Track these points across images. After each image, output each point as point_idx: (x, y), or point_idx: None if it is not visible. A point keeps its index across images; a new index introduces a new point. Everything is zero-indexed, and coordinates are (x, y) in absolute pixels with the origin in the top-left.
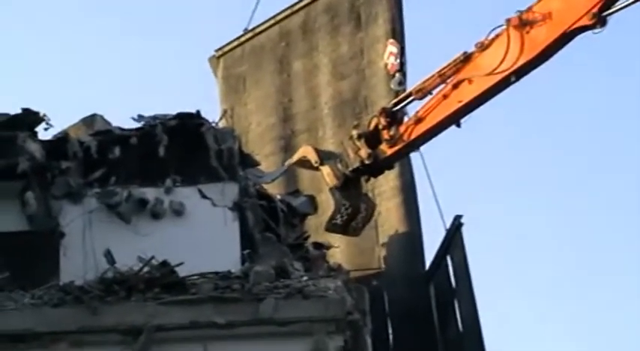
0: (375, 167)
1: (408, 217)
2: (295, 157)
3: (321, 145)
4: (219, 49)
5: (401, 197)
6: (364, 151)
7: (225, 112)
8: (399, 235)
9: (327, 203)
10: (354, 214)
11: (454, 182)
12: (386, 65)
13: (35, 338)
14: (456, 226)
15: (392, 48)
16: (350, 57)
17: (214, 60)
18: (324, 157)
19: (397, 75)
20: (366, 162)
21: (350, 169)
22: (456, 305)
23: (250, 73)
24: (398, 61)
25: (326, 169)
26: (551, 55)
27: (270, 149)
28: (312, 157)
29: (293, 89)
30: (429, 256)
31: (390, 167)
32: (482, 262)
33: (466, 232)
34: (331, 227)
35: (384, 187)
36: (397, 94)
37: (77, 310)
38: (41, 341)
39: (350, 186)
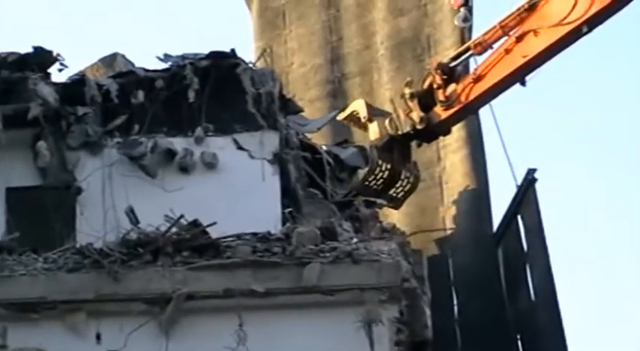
0: (428, 132)
1: (474, 172)
2: (346, 112)
3: (376, 90)
4: None
5: (467, 150)
6: (416, 114)
7: (264, 51)
8: (465, 192)
9: None
10: (392, 180)
11: (526, 134)
12: None
13: (49, 307)
14: (529, 181)
15: None
16: None
17: None
18: (376, 114)
19: (462, 10)
20: (418, 126)
21: (400, 132)
22: (528, 271)
23: (291, 6)
24: None
25: (373, 126)
26: (629, 1)
27: (314, 94)
28: (362, 112)
29: (343, 26)
30: (497, 217)
31: (446, 133)
32: (556, 224)
33: (539, 190)
34: (361, 188)
35: (449, 139)
36: (462, 32)
37: (96, 276)
38: (56, 311)
39: (394, 148)
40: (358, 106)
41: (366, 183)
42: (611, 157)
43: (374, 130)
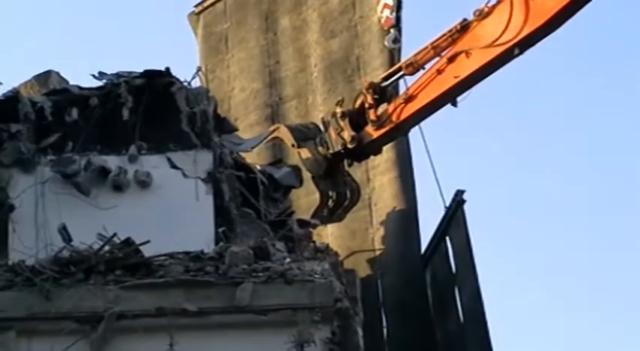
0: (359, 152)
1: (403, 193)
2: (269, 138)
3: (311, 113)
4: (199, 4)
5: (396, 171)
6: (347, 134)
7: (199, 69)
8: (393, 214)
9: None
10: (340, 202)
11: (455, 155)
12: (380, 19)
13: None
14: (457, 202)
15: None
16: (340, 11)
17: (194, 16)
18: (301, 136)
19: (392, 31)
20: (349, 146)
21: (331, 152)
22: (457, 292)
23: (233, 31)
24: (394, 14)
25: (305, 153)
26: (560, 24)
27: (254, 118)
28: (288, 140)
29: (280, 49)
30: (427, 238)
31: (377, 152)
32: (484, 246)
33: (468, 211)
34: (323, 219)
35: (378, 160)
36: (391, 53)
37: (28, 294)
38: None
39: (334, 172)
40: (282, 134)
41: (321, 214)
42: (541, 177)
43: (307, 157)
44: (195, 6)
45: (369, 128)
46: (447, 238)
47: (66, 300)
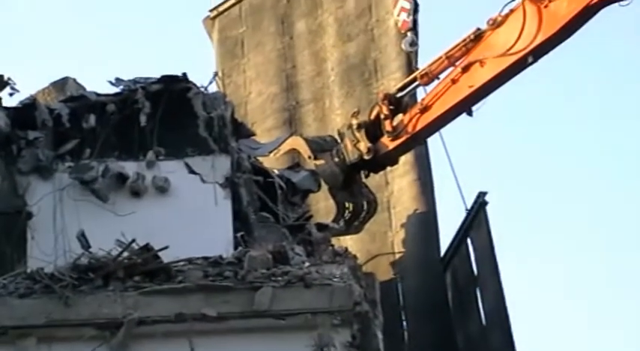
0: (376, 163)
1: (422, 195)
2: (284, 149)
3: (327, 116)
4: (214, 8)
5: (414, 173)
6: (363, 145)
7: (215, 74)
8: (413, 216)
9: None
10: (357, 213)
11: (474, 157)
12: (397, 22)
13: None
14: (480, 204)
15: (404, 3)
16: (357, 15)
17: (209, 21)
18: (317, 148)
19: (409, 34)
20: (366, 157)
21: (347, 163)
22: (479, 295)
23: (249, 35)
24: (411, 17)
25: (321, 164)
26: (573, 32)
27: (271, 122)
28: (304, 151)
29: (296, 53)
30: (447, 241)
31: (393, 163)
32: (503, 249)
33: (490, 214)
34: (335, 233)
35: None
36: (408, 56)
37: (47, 301)
38: (6, 336)
39: (350, 183)
40: (297, 145)
41: (337, 226)
42: (563, 179)
43: (323, 170)
44: (211, 10)
45: (385, 139)
46: (469, 240)
47: (85, 306)
